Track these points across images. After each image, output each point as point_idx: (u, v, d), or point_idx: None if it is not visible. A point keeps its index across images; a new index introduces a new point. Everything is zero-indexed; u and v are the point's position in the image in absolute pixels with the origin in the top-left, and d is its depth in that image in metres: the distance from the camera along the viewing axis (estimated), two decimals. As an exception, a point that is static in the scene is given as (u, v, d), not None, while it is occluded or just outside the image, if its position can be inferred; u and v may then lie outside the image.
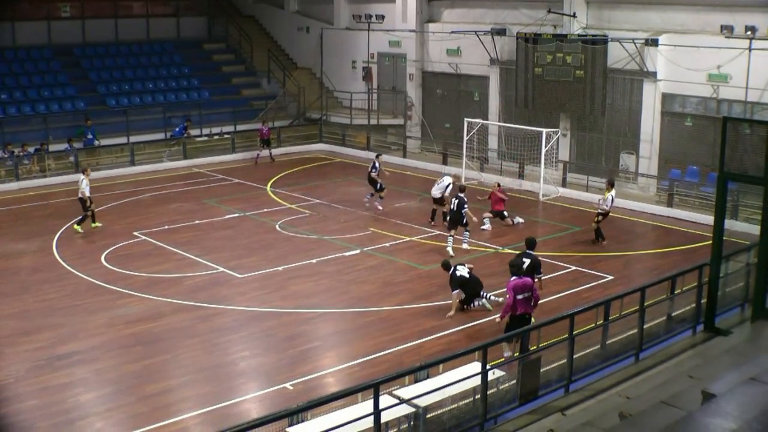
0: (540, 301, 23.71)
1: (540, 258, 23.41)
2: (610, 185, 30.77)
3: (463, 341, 21.59)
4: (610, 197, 30.40)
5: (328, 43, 53.52)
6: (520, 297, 19.31)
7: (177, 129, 46.43)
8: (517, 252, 24.45)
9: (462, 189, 29.88)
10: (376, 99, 50.28)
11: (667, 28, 37.07)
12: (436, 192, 32.60)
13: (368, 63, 51.08)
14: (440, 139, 45.66)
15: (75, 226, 32.34)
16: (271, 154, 45.96)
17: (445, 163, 43.08)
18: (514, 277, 19.65)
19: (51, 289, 26.63)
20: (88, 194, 32.41)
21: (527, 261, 22.17)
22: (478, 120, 41.40)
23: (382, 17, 48.66)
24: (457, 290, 23.62)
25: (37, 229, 33.15)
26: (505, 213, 33.06)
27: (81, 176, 33.00)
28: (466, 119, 41.02)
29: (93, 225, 32.65)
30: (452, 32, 44.84)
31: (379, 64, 50.91)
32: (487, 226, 32.32)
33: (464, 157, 40.20)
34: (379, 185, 35.34)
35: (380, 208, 35.06)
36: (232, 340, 22.52)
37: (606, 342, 17.86)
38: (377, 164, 35.92)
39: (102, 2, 53.11)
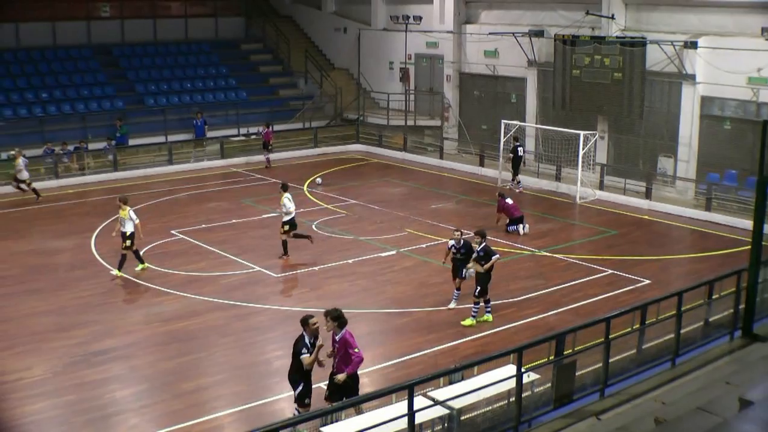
0: (576, 305, 23.81)
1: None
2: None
3: (498, 343, 21.53)
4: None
5: (366, 44, 53.56)
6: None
7: (198, 125, 46.47)
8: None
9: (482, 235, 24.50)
10: (413, 100, 50.23)
11: (706, 30, 36.79)
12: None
13: (405, 64, 51.05)
14: (477, 140, 45.57)
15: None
16: (268, 158, 45.18)
17: (481, 164, 42.99)
18: (340, 330, 17.02)
19: (88, 286, 26.84)
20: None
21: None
22: (515, 122, 41.29)
23: (420, 18, 48.66)
24: None
25: (75, 227, 33.42)
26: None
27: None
28: (503, 121, 40.97)
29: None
30: (490, 33, 44.71)
31: (417, 65, 50.87)
32: (524, 229, 32.17)
33: (501, 158, 40.10)
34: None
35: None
36: (266, 339, 22.60)
37: (642, 346, 17.73)
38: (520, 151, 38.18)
39: (141, 2, 53.50)
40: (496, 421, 15.43)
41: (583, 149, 37.18)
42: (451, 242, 24.29)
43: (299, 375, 16.81)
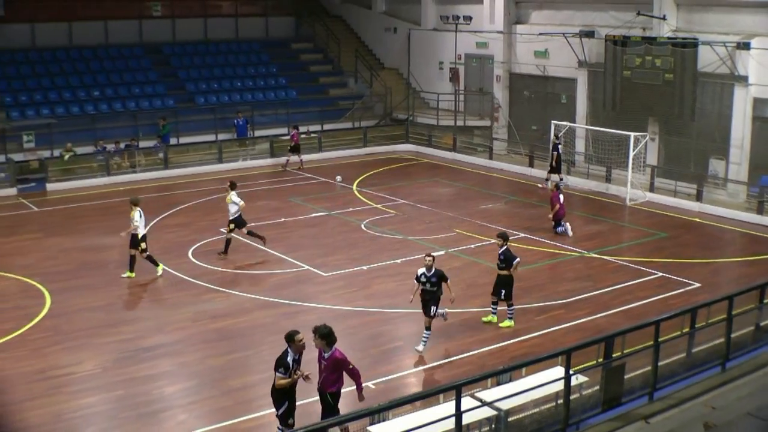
0: (625, 307, 23.64)
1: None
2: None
3: (547, 345, 21.46)
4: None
5: (416, 44, 53.56)
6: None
7: (240, 123, 46.66)
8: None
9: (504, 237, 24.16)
10: (463, 100, 50.15)
11: (759, 31, 36.39)
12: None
13: (455, 64, 50.99)
14: (526, 141, 45.42)
15: None
16: (301, 160, 44.99)
17: (531, 165, 42.85)
18: (329, 349, 16.37)
19: (138, 282, 27.07)
20: None
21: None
22: (565, 122, 41.13)
23: (470, 18, 48.58)
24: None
25: (125, 224, 33.57)
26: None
27: None
28: (553, 122, 40.82)
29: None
30: (540, 34, 44.54)
31: (466, 65, 50.77)
32: (562, 229, 32.04)
33: (551, 159, 39.94)
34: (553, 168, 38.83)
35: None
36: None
37: (692, 350, 17.62)
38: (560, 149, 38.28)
39: (192, 2, 53.87)
40: (544, 423, 15.39)
41: (633, 151, 36.93)
42: (421, 270, 21.48)
43: (282, 393, 16.24)
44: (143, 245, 27.26)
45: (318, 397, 16.63)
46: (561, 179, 39.03)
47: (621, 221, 34.76)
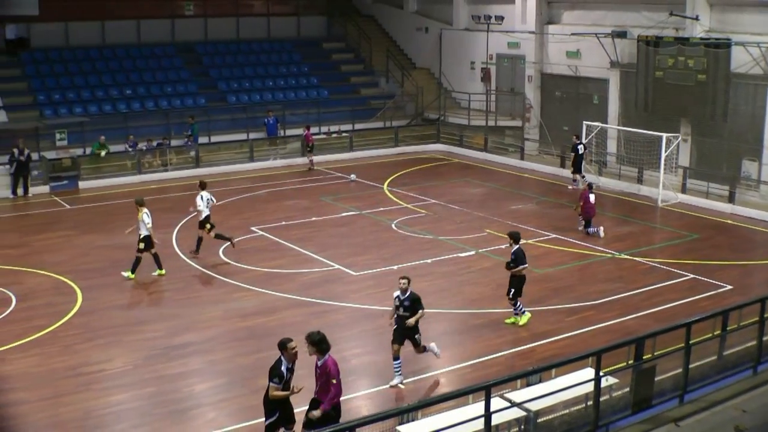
0: (656, 309, 23.52)
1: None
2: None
3: (576, 346, 21.38)
4: None
5: (447, 44, 53.52)
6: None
7: (270, 123, 46.74)
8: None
9: (514, 238, 23.68)
10: (494, 100, 50.05)
11: (793, 32, 36.22)
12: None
13: (487, 64, 50.91)
14: (558, 141, 45.28)
15: None
16: (311, 161, 44.97)
17: (562, 166, 42.72)
18: (322, 356, 16.08)
19: (168, 280, 27.23)
20: None
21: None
22: (596, 123, 40.97)
23: (501, 18, 48.49)
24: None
25: (156, 222, 33.69)
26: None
27: None
28: (584, 122, 40.67)
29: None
30: (572, 34, 44.42)
31: (498, 65, 50.67)
32: (593, 230, 31.95)
33: (582, 160, 39.79)
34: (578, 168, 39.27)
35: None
36: (344, 337, 22.65)
37: (723, 353, 17.53)
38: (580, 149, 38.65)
39: (224, 1, 54.01)
40: (574, 424, 15.36)
41: (665, 152, 36.75)
42: (396, 293, 19.97)
43: (275, 403, 15.88)
44: (141, 245, 27.29)
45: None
46: (575, 180, 39.07)
47: (652, 222, 34.61)
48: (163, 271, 27.63)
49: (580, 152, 39.28)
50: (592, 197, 32.09)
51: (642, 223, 34.04)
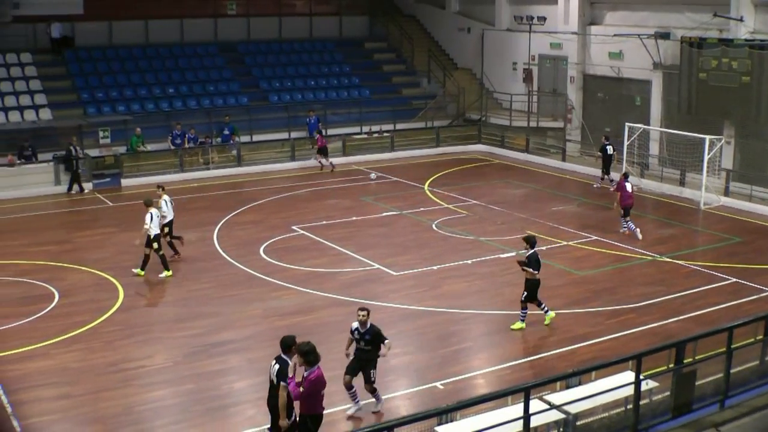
0: (697, 313, 23.33)
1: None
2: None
3: (616, 349, 21.27)
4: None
5: (489, 44, 53.40)
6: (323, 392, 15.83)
7: (311, 122, 46.81)
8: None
9: (527, 241, 23.69)
10: (536, 101, 49.90)
11: (841, 34, 35.83)
12: None
13: (529, 65, 50.75)
14: (600, 143, 44.92)
15: None
16: (321, 162, 44.51)
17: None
18: (309, 368, 15.70)
19: (209, 278, 27.33)
20: None
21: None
22: (639, 125, 40.67)
23: (544, 19, 48.34)
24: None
25: (198, 220, 34.03)
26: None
27: None
28: (626, 124, 40.37)
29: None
30: (615, 35, 44.19)
31: (540, 66, 50.51)
32: (626, 226, 31.84)
33: (624, 162, 39.55)
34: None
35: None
36: (384, 337, 22.72)
37: (765, 358, 17.38)
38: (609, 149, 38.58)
39: (267, 1, 54.25)
40: (613, 428, 15.29)
41: (708, 154, 36.47)
42: (354, 325, 18.44)
43: (291, 405, 15.67)
44: (156, 245, 27.30)
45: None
46: (602, 178, 39.08)
47: (694, 225, 34.36)
48: (143, 273, 27.51)
49: (609, 153, 39.13)
50: (628, 186, 31.97)
51: (684, 226, 33.82)
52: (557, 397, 15.35)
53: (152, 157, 42.50)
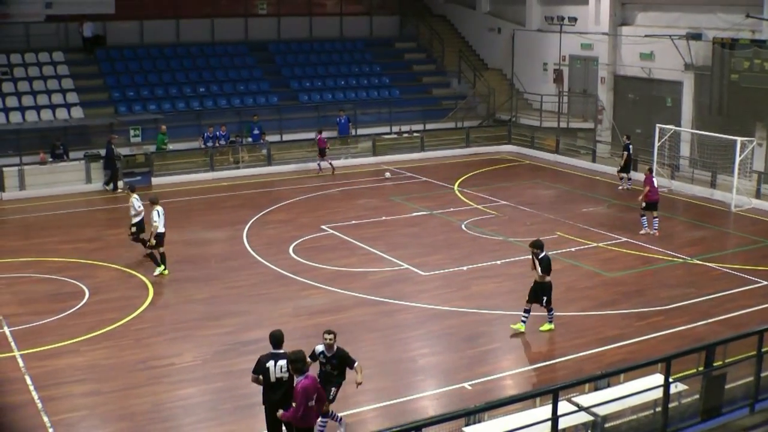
0: (728, 316, 23.18)
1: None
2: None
3: (645, 351, 21.20)
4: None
5: (520, 45, 53.28)
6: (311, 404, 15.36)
7: (342, 122, 46.85)
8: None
9: (538, 245, 23.06)
10: (567, 102, 49.78)
11: None
12: None
13: (559, 65, 50.63)
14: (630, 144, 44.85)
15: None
16: (319, 164, 43.95)
17: (635, 169, 42.27)
18: (301, 377, 15.18)
19: (239, 277, 27.43)
20: None
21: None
22: (670, 126, 40.48)
23: (575, 19, 48.23)
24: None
25: (228, 219, 34.18)
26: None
27: None
28: (657, 125, 40.19)
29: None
30: (646, 36, 44.01)
31: (570, 67, 50.39)
32: (646, 229, 31.81)
33: (654, 164, 39.40)
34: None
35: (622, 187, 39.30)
36: (412, 337, 22.74)
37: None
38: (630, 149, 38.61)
39: (297, 0, 54.38)
40: (641, 430, 15.25)
41: (739, 156, 36.27)
42: (320, 347, 17.27)
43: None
44: (153, 241, 27.34)
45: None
46: (629, 179, 39.41)
47: (725, 228, 34.18)
48: (166, 271, 27.64)
49: (631, 152, 39.11)
50: (655, 181, 31.96)
51: (714, 228, 33.64)
52: (586, 399, 15.32)
53: (182, 156, 42.70)
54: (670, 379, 14.63)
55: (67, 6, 45.98)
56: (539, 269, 22.50)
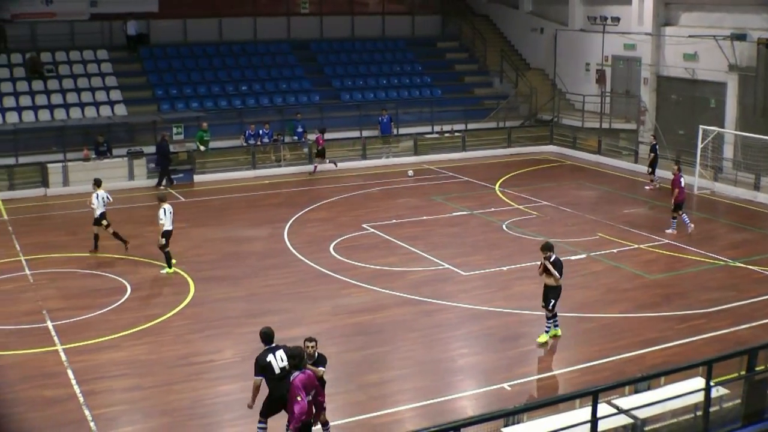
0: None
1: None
2: None
3: (686, 354, 21.06)
4: None
5: (562, 45, 53.07)
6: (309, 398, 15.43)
7: (384, 121, 46.84)
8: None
9: (550, 248, 22.60)
10: (609, 102, 49.53)
11: None
12: None
13: (602, 65, 50.38)
14: (673, 145, 44.54)
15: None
16: (316, 166, 43.28)
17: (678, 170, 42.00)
18: (297, 372, 15.32)
19: (279, 274, 27.54)
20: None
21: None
22: (713, 127, 40.19)
23: (618, 19, 47.93)
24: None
25: (268, 217, 34.33)
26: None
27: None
28: (700, 126, 39.92)
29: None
30: (690, 36, 43.70)
31: (613, 67, 50.12)
32: (676, 222, 31.71)
33: (697, 165, 39.15)
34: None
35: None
36: (452, 337, 22.72)
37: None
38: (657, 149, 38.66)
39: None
40: (681, 434, 15.17)
41: (784, 158, 36.00)
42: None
43: None
44: (162, 240, 27.42)
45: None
46: (654, 180, 39.20)
47: (769, 230, 33.95)
48: (171, 270, 27.74)
49: (658, 152, 38.95)
50: (682, 181, 31.82)
51: (758, 231, 33.35)
52: (626, 402, 15.25)
53: (224, 154, 42.91)
54: (712, 383, 14.53)
55: (112, 4, 46.52)
56: (556, 272, 22.15)
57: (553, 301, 22.24)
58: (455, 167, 44.09)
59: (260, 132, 43.52)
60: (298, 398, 15.08)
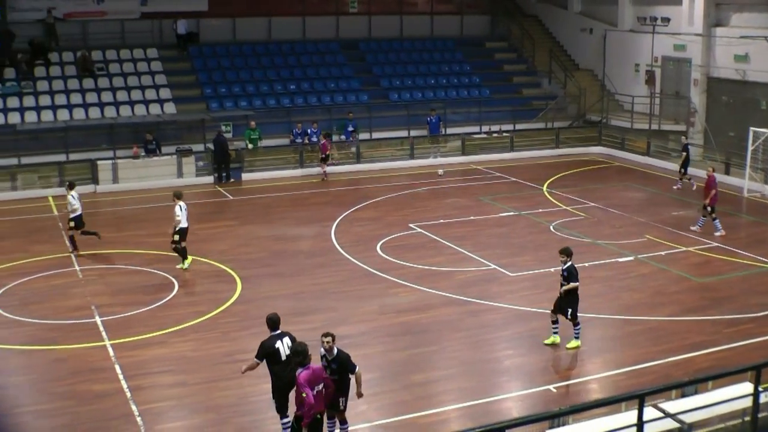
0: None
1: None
2: None
3: (735, 359, 20.87)
4: None
5: (611, 45, 52.81)
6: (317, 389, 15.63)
7: (432, 121, 46.84)
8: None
9: (567, 253, 22.32)
10: (658, 104, 49.20)
11: None
12: None
13: (651, 66, 50.05)
14: (723, 148, 44.18)
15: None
16: (324, 171, 41.91)
17: (727, 173, 41.66)
18: (300, 369, 15.50)
19: (326, 273, 27.61)
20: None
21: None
22: (764, 130, 39.78)
23: (668, 20, 47.57)
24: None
25: (316, 215, 34.42)
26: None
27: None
28: (751, 128, 39.54)
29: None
30: (741, 37, 43.30)
31: (663, 68, 49.78)
32: (720, 231, 31.47)
33: (747, 168, 38.79)
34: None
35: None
36: (498, 338, 22.68)
37: None
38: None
39: (388, -1, 54.77)
40: (729, 439, 15.03)
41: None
42: (321, 351, 16.64)
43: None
44: (176, 237, 27.55)
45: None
46: (682, 180, 39.31)
47: (819, 234, 33.55)
48: (186, 266, 27.85)
49: (690, 153, 38.85)
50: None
51: (808, 234, 33.01)
52: (672, 406, 15.12)
53: (272, 153, 43.12)
54: (760, 389, 14.39)
55: (162, 4, 47.08)
56: (569, 278, 21.89)
57: (570, 310, 21.89)
58: (503, 167, 44.00)
59: (308, 131, 43.69)
60: (304, 394, 15.27)
